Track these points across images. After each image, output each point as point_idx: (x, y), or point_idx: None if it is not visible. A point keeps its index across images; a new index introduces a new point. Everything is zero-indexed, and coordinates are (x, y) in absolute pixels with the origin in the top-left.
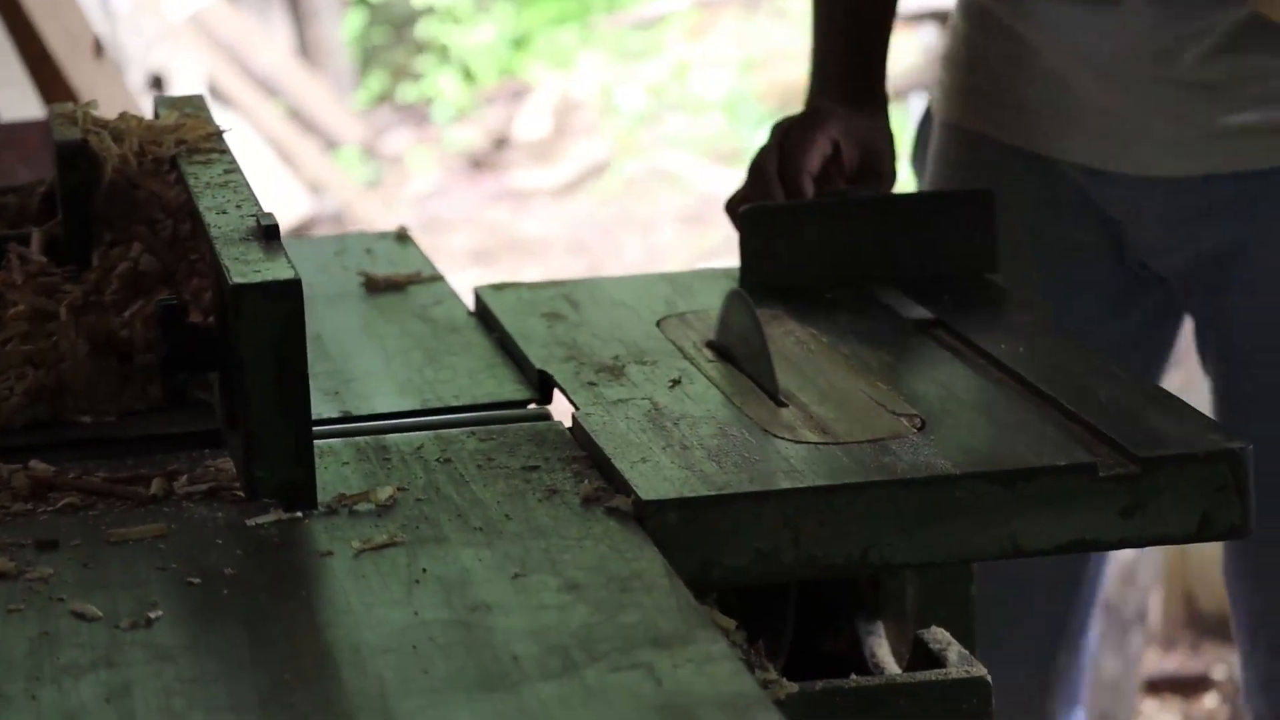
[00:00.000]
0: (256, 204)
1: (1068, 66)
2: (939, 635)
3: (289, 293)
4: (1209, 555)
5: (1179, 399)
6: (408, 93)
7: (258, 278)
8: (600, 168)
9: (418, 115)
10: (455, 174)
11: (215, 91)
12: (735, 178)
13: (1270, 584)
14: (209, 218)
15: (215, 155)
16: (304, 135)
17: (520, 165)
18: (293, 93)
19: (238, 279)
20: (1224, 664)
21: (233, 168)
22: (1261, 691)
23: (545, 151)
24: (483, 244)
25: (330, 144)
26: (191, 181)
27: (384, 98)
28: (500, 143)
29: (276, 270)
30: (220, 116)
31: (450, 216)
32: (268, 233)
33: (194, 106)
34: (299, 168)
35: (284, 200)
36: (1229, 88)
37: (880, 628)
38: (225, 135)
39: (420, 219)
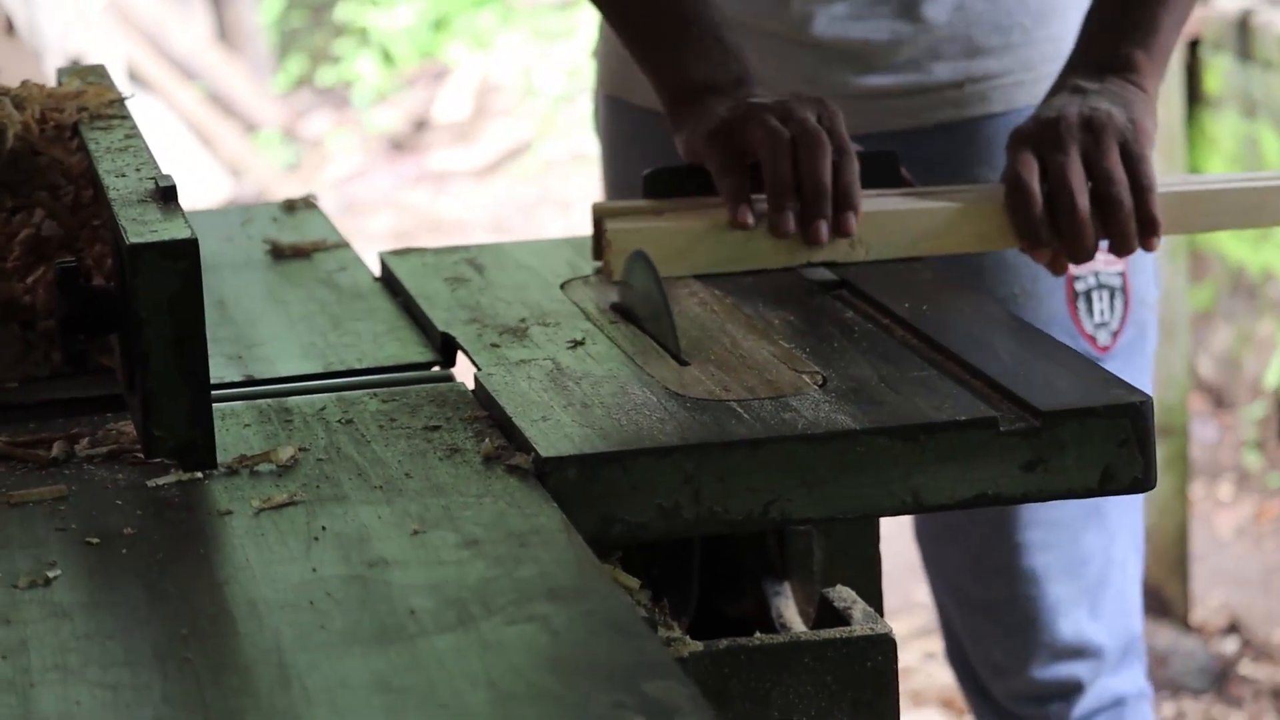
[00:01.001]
0: (155, 167)
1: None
2: (844, 594)
3: (185, 251)
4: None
5: (1081, 354)
6: (327, 76)
7: (154, 237)
8: (520, 149)
9: (337, 98)
10: (375, 156)
11: (134, 75)
12: None
13: (946, 534)
14: (108, 181)
15: (116, 121)
16: (223, 118)
17: (440, 147)
18: (212, 76)
19: (134, 239)
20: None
21: (133, 133)
22: (960, 644)
23: (465, 133)
24: (403, 225)
25: (250, 127)
26: (93, 147)
27: (303, 81)
28: (420, 125)
29: (173, 230)
30: (139, 100)
31: (371, 198)
32: (165, 194)
33: (97, 74)
34: (218, 151)
35: (203, 183)
36: (862, 53)
37: (787, 588)
38: (126, 102)
39: (341, 201)
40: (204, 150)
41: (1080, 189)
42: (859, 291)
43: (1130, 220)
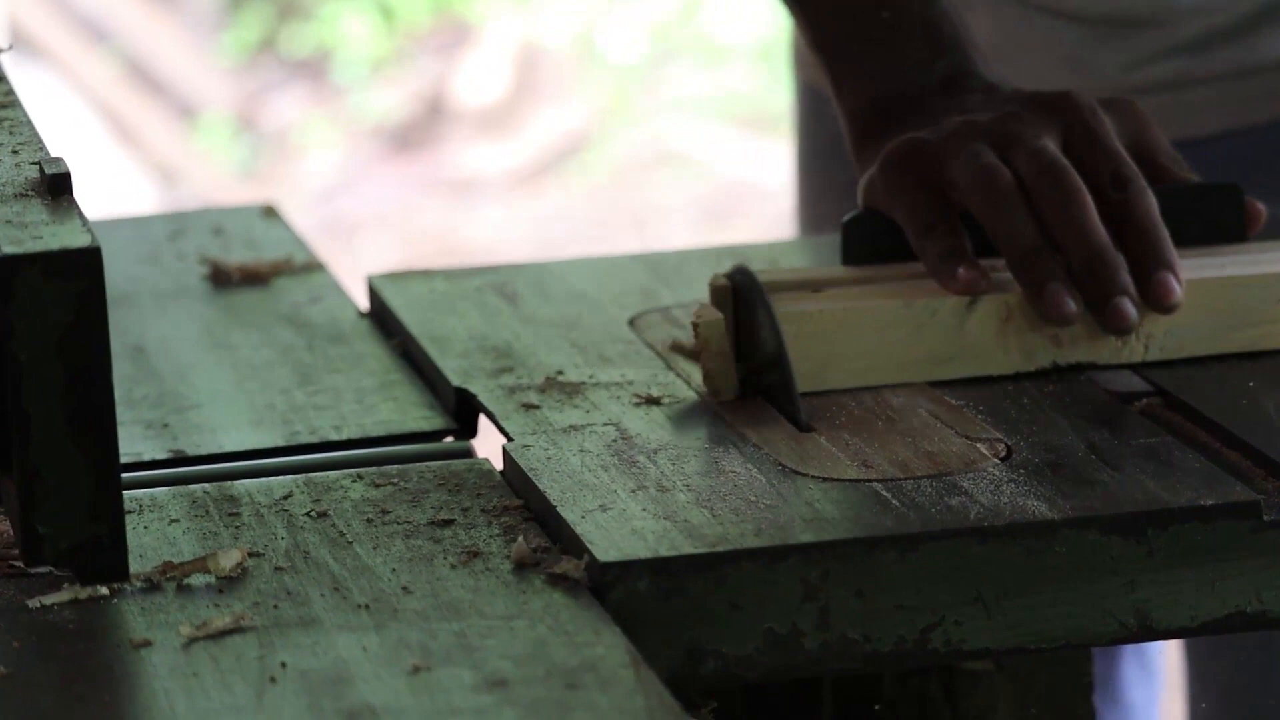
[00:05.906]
0: (41, 147)
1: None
2: None
3: (83, 267)
4: None
5: None
6: (298, 40)
7: (37, 246)
8: (578, 143)
9: (313, 71)
10: (370, 155)
11: (23, 38)
12: (773, 153)
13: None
14: None
15: None
16: (149, 99)
17: (463, 142)
18: (132, 39)
19: (9, 248)
20: None
21: (8, 100)
22: None
23: (500, 121)
24: (410, 254)
25: (187, 111)
26: None
27: (264, 46)
28: (434, 111)
29: (65, 236)
30: (29, 72)
31: (363, 214)
32: (54, 185)
33: None
34: (142, 144)
35: (119, 189)
36: (1150, 25)
37: None
38: (1, 57)
39: (320, 218)
40: (120, 143)
41: None
42: None
43: None
